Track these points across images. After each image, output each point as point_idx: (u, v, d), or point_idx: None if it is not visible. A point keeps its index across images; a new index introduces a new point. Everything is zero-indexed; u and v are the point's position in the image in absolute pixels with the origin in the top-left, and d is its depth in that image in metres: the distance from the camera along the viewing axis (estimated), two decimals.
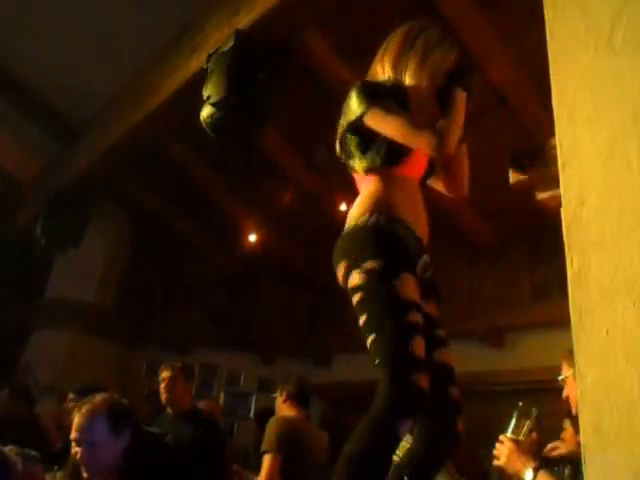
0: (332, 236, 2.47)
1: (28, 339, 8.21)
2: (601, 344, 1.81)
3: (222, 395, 8.77)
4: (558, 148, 2.16)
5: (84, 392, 4.21)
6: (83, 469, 2.77)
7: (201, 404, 5.44)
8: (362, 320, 2.16)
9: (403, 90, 2.49)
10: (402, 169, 2.46)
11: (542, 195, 3.44)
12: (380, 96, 2.43)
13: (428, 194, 6.73)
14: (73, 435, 2.82)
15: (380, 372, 2.05)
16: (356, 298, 2.19)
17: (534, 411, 2.80)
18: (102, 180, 7.68)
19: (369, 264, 2.17)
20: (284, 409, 4.69)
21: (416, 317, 2.12)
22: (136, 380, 8.05)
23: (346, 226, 2.37)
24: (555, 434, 3.42)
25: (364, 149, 2.45)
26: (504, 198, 6.83)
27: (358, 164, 2.47)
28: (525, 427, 2.77)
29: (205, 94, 5.00)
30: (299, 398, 4.74)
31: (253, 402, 8.85)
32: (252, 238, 8.47)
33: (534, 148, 5.94)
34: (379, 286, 2.16)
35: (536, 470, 2.61)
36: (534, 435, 3.05)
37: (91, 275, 8.40)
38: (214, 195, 8.02)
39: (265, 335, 9.09)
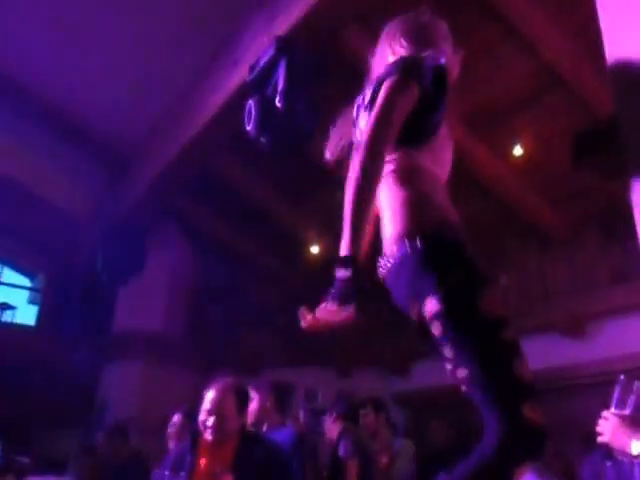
0: None
1: (100, 374, 8.24)
2: None
3: (301, 413, 8.67)
4: (619, 126, 2.00)
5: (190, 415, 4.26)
6: (210, 434, 3.23)
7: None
8: (447, 351, 1.83)
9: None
10: (429, 160, 2.10)
11: None
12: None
13: (491, 183, 6.58)
14: (207, 406, 3.28)
15: (485, 412, 1.75)
16: (437, 329, 1.84)
17: (638, 384, 2.60)
18: (157, 205, 7.65)
19: (439, 289, 1.83)
20: (333, 429, 4.78)
21: (511, 334, 1.80)
22: None
23: (392, 255, 1.97)
24: None
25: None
26: (572, 182, 6.65)
27: None
28: (630, 401, 2.59)
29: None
30: (347, 417, 4.85)
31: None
32: (315, 250, 8.37)
33: (596, 129, 5.80)
34: (461, 307, 1.82)
35: None
36: None
37: (157, 304, 8.37)
38: (273, 210, 7.95)
39: (338, 348, 8.96)
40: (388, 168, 2.05)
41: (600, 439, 2.65)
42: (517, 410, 1.69)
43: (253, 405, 4.24)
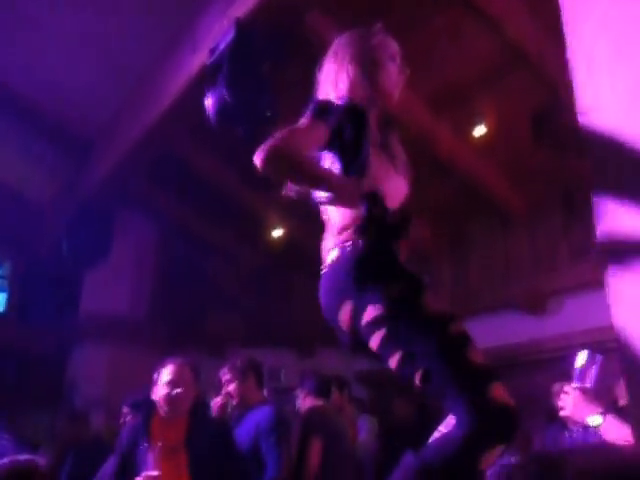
0: None
1: (68, 357, 8.21)
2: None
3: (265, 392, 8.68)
4: (578, 101, 2.04)
5: (136, 405, 4.35)
6: (167, 408, 3.34)
7: None
8: (396, 358, 1.82)
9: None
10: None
11: None
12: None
13: (453, 163, 6.59)
14: (168, 379, 3.36)
15: (450, 404, 1.76)
16: (380, 335, 1.85)
17: (599, 357, 2.65)
18: (121, 189, 7.65)
19: (382, 293, 1.86)
20: (303, 406, 4.80)
21: (458, 326, 1.84)
22: None
23: (326, 264, 2.10)
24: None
25: None
26: (533, 161, 6.71)
27: None
28: (591, 374, 2.65)
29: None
30: (319, 393, 4.81)
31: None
32: (278, 232, 8.38)
33: (554, 108, 5.85)
34: (405, 310, 1.85)
35: (604, 414, 2.53)
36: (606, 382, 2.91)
37: (123, 287, 8.44)
38: (236, 193, 7.93)
39: (301, 329, 8.99)
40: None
41: (562, 413, 2.72)
42: (482, 395, 1.70)
43: (233, 386, 4.27)
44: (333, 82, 2.32)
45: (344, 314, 1.98)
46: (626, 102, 1.89)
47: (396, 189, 2.22)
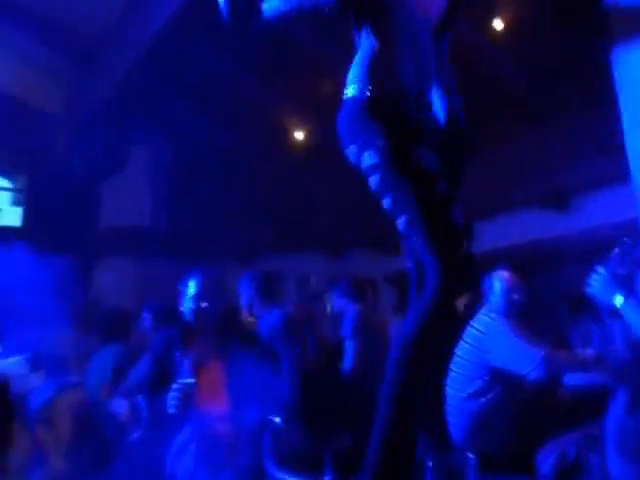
0: None
1: (92, 273, 8.27)
2: None
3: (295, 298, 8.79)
4: None
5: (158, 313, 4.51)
6: (195, 322, 3.39)
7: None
8: (387, 202, 2.00)
9: None
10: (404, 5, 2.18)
11: None
12: None
13: (475, 61, 6.44)
14: (193, 293, 3.40)
15: (423, 250, 1.94)
16: (374, 181, 2.02)
17: (632, 247, 2.77)
18: (132, 98, 7.33)
19: (378, 142, 2.00)
20: (338, 306, 4.94)
21: (442, 187, 1.98)
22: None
23: (344, 95, 2.17)
24: None
25: None
26: (554, 54, 6.56)
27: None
28: (623, 261, 2.80)
29: None
30: (355, 295, 4.90)
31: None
32: (299, 135, 8.33)
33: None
34: (396, 161, 1.99)
35: (626, 297, 2.68)
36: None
37: (142, 199, 8.35)
38: (254, 97, 7.78)
39: (328, 231, 9.01)
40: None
41: (588, 290, 2.84)
42: (452, 249, 1.89)
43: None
44: None
45: (350, 154, 2.11)
46: None
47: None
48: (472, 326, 3.56)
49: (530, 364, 3.29)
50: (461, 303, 1.90)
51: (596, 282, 2.81)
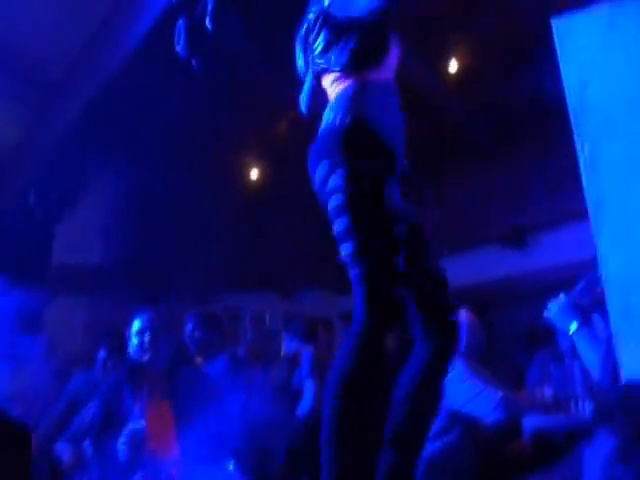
0: None
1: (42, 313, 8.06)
2: (621, 228, 1.80)
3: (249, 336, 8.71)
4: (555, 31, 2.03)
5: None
6: (143, 358, 3.37)
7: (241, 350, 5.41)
8: (340, 225, 2.01)
9: None
10: (379, 72, 2.28)
11: None
12: None
13: (430, 101, 6.52)
14: (138, 328, 3.41)
15: (358, 284, 1.97)
16: (335, 201, 2.02)
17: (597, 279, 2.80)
18: (88, 136, 7.26)
19: (354, 165, 2.01)
20: (291, 349, 4.91)
21: (401, 229, 2.02)
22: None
23: (322, 128, 2.20)
24: None
25: (334, 44, 2.23)
26: (506, 94, 6.66)
27: (334, 61, 2.24)
28: (589, 293, 2.83)
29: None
30: (306, 336, 4.89)
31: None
32: (253, 174, 8.31)
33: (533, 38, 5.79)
34: (366, 190, 1.99)
35: (581, 326, 2.74)
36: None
37: (96, 237, 8.19)
38: (207, 135, 7.75)
39: (283, 270, 8.96)
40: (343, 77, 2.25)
41: (546, 313, 2.92)
42: (388, 291, 1.94)
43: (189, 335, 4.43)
44: None
45: (319, 173, 2.12)
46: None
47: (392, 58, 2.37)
48: None
49: (488, 406, 3.25)
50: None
51: (554, 307, 2.87)
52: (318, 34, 2.25)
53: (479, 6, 5.82)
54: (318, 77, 2.35)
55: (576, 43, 2.03)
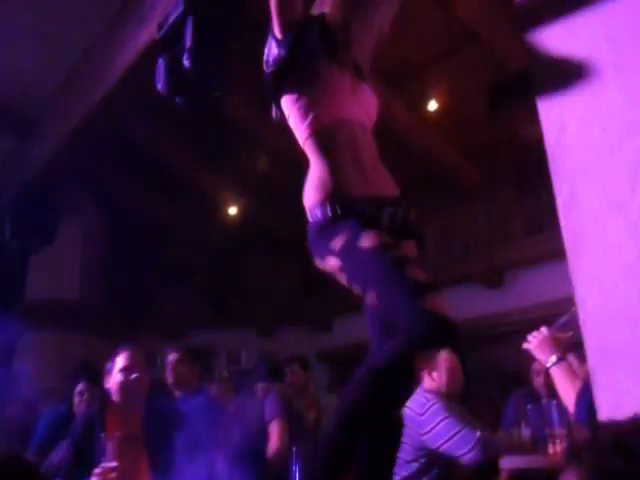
0: None
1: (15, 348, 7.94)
2: (598, 267, 1.85)
3: (225, 375, 8.61)
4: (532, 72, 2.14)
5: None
6: (122, 396, 3.31)
7: (213, 387, 5.34)
8: (357, 289, 2.15)
9: None
10: (338, 112, 2.37)
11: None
12: None
13: (410, 142, 6.59)
14: (122, 366, 3.33)
15: (396, 316, 2.02)
16: (342, 277, 2.19)
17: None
18: (66, 170, 7.29)
19: (334, 246, 2.15)
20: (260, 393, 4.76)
21: (398, 252, 2.12)
22: None
23: (308, 214, 2.31)
24: None
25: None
26: (485, 135, 6.74)
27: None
28: (566, 327, 2.85)
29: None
30: (271, 377, 4.84)
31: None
32: (232, 211, 8.30)
33: (512, 80, 5.88)
34: (352, 255, 2.12)
35: (559, 360, 2.76)
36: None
37: (72, 271, 8.07)
38: (190, 173, 7.78)
39: (260, 308, 8.94)
40: (306, 133, 2.35)
41: (525, 346, 2.92)
42: (418, 304, 1.94)
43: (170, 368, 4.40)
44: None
45: (320, 264, 2.27)
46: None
47: (367, 103, 2.50)
48: (408, 407, 3.50)
49: (466, 445, 3.24)
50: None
51: (535, 339, 2.88)
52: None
53: (460, 50, 5.89)
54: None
55: (555, 86, 2.07)
